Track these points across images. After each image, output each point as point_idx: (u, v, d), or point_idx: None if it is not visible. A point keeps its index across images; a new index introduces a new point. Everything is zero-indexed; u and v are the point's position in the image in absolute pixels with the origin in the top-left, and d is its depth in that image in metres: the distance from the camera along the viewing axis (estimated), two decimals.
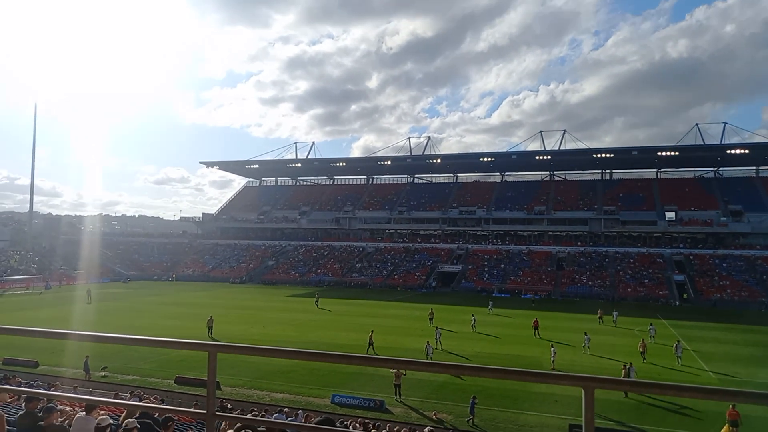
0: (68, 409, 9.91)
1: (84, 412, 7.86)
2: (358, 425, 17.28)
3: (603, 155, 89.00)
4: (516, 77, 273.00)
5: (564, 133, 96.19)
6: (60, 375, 25.81)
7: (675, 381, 21.71)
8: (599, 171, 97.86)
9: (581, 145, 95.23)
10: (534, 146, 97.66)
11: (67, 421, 7.93)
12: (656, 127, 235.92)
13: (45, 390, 17.17)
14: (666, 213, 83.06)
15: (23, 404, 9.11)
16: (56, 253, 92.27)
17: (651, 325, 39.43)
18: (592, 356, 32.00)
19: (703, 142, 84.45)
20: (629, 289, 68.32)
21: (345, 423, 16.86)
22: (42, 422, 7.39)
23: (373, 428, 16.71)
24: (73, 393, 19.41)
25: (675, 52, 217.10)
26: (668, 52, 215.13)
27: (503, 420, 21.08)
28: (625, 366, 25.57)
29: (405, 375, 24.16)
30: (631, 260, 76.00)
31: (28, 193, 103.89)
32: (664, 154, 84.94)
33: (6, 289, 66.83)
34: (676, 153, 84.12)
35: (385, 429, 17.34)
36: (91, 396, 18.44)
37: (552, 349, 29.83)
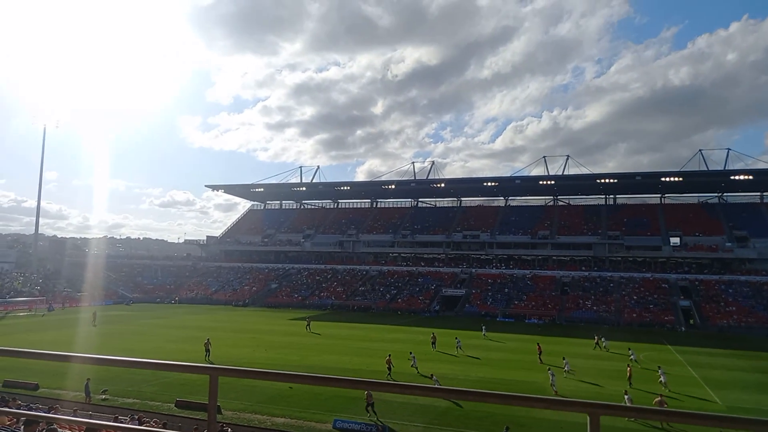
0: None
1: None
2: None
3: (607, 180, 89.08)
4: (519, 104, 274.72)
5: (567, 159, 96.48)
6: (60, 398, 25.61)
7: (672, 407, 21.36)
8: (603, 196, 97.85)
9: (585, 170, 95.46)
10: (538, 171, 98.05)
11: None
12: (660, 152, 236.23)
13: (45, 413, 16.98)
14: (671, 238, 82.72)
15: (22, 427, 9.04)
16: (61, 275, 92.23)
17: (629, 349, 39.90)
18: (577, 381, 31.65)
19: (707, 167, 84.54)
20: (634, 315, 67.69)
21: None
22: None
23: None
24: (73, 416, 19.24)
25: (677, 79, 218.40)
26: (670, 79, 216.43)
27: None
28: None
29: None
30: (636, 285, 75.45)
31: (35, 215, 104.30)
32: (668, 179, 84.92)
33: (9, 311, 66.76)
34: (680, 178, 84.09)
35: None
36: (91, 419, 18.23)
37: (549, 372, 29.98)
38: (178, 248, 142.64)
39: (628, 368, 32.12)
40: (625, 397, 25.23)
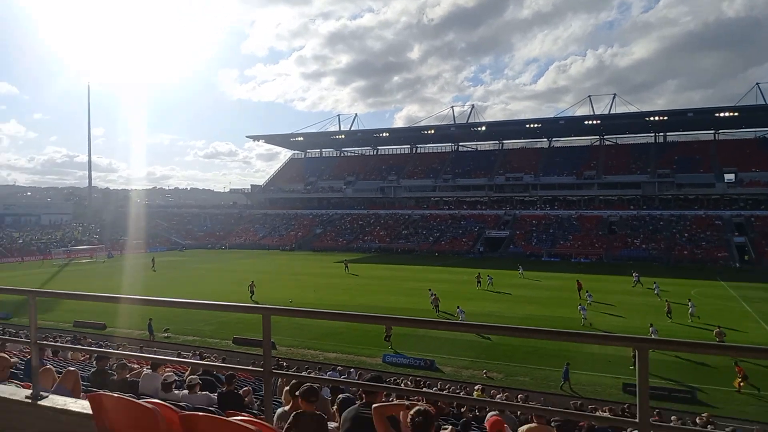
0: (136, 366, 10.53)
1: (150, 370, 8.36)
2: (409, 383, 17.68)
3: (656, 118, 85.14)
4: (562, 43, 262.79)
5: (614, 97, 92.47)
6: (126, 336, 27.39)
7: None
8: (652, 134, 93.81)
9: (632, 109, 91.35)
10: (582, 111, 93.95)
11: (135, 377, 8.45)
12: (712, 88, 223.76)
13: (114, 350, 18.23)
14: (725, 175, 79.26)
15: (94, 362, 9.74)
16: (116, 224, 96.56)
17: (654, 283, 40.56)
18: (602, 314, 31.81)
19: (765, 101, 79.43)
20: (685, 252, 66.07)
21: (396, 381, 17.26)
22: (113, 378, 7.91)
23: (424, 386, 17.03)
24: (139, 352, 20.61)
25: (731, 11, 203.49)
26: (724, 11, 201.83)
27: (555, 379, 21.08)
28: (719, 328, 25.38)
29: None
30: (688, 223, 73.25)
31: (87, 169, 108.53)
32: (722, 115, 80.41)
33: (72, 259, 70.70)
34: (736, 113, 79.42)
35: (436, 386, 17.66)
36: (156, 355, 19.51)
37: (580, 307, 30.98)
38: (223, 197, 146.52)
39: (666, 303, 32.29)
40: (650, 329, 25.26)
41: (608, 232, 75.57)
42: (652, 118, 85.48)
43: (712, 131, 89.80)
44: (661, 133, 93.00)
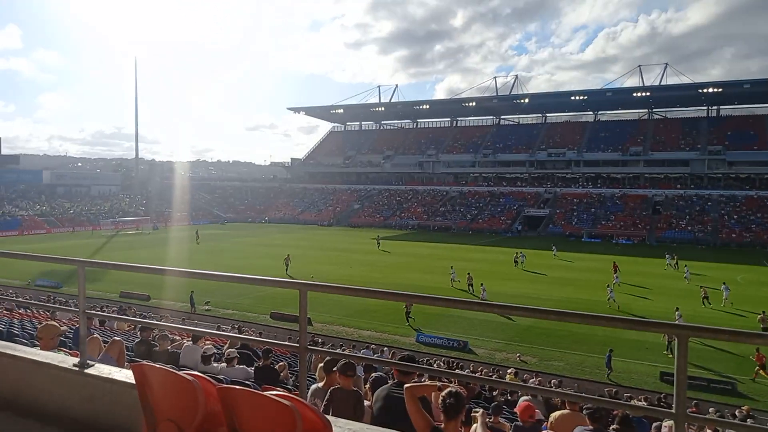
0: (177, 338, 10.90)
1: (191, 342, 8.64)
2: (441, 364, 17.78)
3: (710, 90, 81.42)
4: (613, 8, 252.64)
5: (666, 67, 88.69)
6: (169, 308, 28.34)
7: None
8: (705, 107, 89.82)
9: (685, 80, 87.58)
10: (631, 82, 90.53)
11: (176, 349, 8.76)
12: None
13: (157, 321, 18.94)
14: None
15: (139, 333, 10.14)
16: (161, 196, 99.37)
17: (685, 266, 40.01)
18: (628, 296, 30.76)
19: None
20: (733, 235, 63.66)
21: (429, 361, 17.39)
22: (156, 348, 8.21)
23: (456, 368, 17.11)
24: (181, 324, 21.34)
25: None
26: None
27: (590, 365, 20.87)
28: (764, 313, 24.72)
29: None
30: (738, 203, 70.39)
31: (134, 141, 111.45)
32: None
33: (119, 230, 73.29)
34: None
35: (469, 368, 17.71)
36: (197, 328, 20.18)
37: (608, 288, 30.75)
38: (264, 170, 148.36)
39: (702, 289, 31.33)
40: (676, 313, 24.78)
41: (652, 212, 73.38)
42: (705, 90, 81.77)
43: None
44: (714, 107, 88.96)
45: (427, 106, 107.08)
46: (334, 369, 5.00)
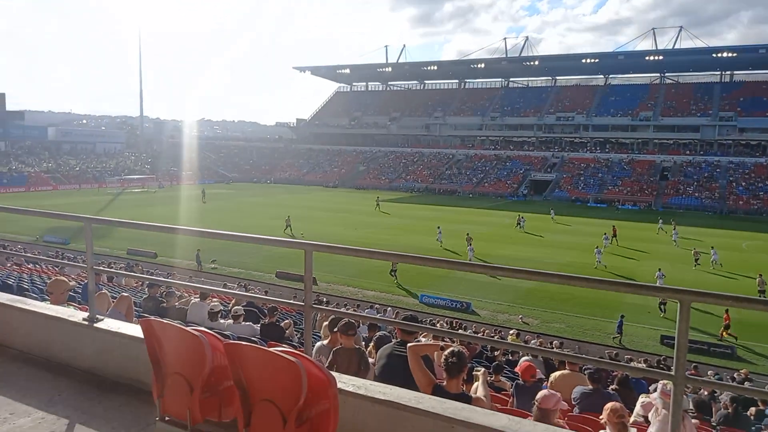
0: (185, 295, 11.06)
1: (198, 299, 8.76)
2: (444, 324, 18.04)
3: (725, 54, 79.54)
4: None
5: (680, 30, 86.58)
6: (175, 265, 28.67)
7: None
8: (718, 72, 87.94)
9: (699, 44, 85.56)
10: (644, 45, 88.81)
11: (184, 306, 8.90)
12: None
13: (164, 278, 19.12)
14: None
15: (146, 289, 10.30)
16: (166, 155, 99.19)
17: (674, 230, 39.98)
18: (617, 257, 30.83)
19: None
20: (741, 202, 63.31)
21: (432, 322, 17.64)
22: (163, 305, 8.35)
23: (459, 328, 17.35)
24: (188, 282, 21.62)
25: None
26: None
27: (591, 328, 21.12)
28: None
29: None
30: (747, 171, 69.72)
31: (138, 98, 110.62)
32: None
33: (125, 188, 73.54)
34: None
35: (471, 329, 17.96)
36: (203, 285, 20.45)
37: (596, 250, 31.20)
38: (270, 130, 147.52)
39: (694, 251, 31.97)
40: (657, 274, 25.47)
41: (660, 178, 72.86)
42: (719, 55, 79.98)
43: None
44: (728, 72, 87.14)
45: (435, 68, 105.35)
46: (336, 329, 5.08)
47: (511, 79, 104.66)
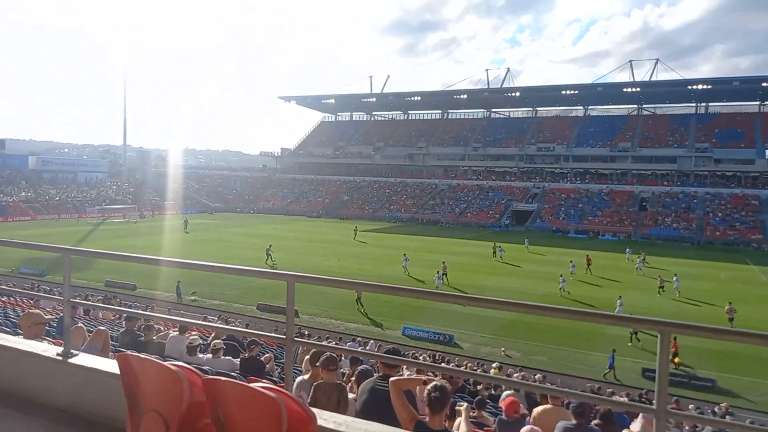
0: (163, 328, 10.85)
1: (177, 332, 8.60)
2: (427, 357, 17.87)
3: (699, 86, 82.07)
4: (606, 0, 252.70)
5: (657, 62, 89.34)
6: (155, 297, 28.16)
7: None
8: (694, 104, 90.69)
9: (675, 76, 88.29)
10: (622, 77, 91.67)
11: (162, 339, 8.72)
12: (763, 53, 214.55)
13: (143, 311, 18.81)
14: (767, 151, 76.44)
15: (124, 323, 10.07)
16: (148, 184, 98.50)
17: (638, 259, 41.56)
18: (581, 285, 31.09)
19: None
20: (718, 233, 64.44)
21: (415, 355, 17.47)
22: (141, 339, 8.17)
23: (441, 361, 17.22)
24: (167, 314, 21.23)
25: None
26: None
27: (573, 360, 21.08)
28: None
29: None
30: (723, 202, 71.22)
31: (122, 128, 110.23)
32: None
33: (105, 218, 72.57)
34: None
35: (454, 362, 17.82)
36: (183, 318, 20.08)
37: (561, 278, 31.97)
38: (254, 160, 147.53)
39: (659, 278, 33.11)
40: (618, 301, 26.35)
41: (639, 208, 74.09)
42: (694, 87, 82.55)
43: (758, 102, 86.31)
44: (703, 103, 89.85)
45: (419, 98, 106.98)
46: (318, 363, 5.02)
47: (493, 110, 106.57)
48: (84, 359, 3.79)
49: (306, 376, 5.38)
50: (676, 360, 20.59)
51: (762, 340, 2.40)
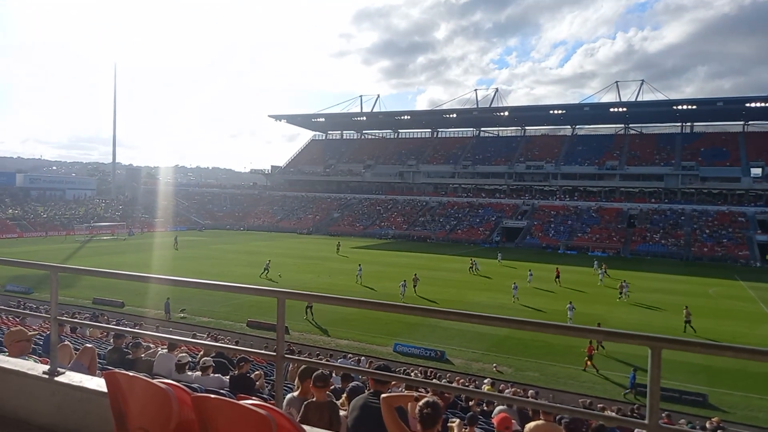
0: (151, 346, 10.71)
1: (166, 350, 8.50)
2: (418, 373, 17.76)
3: (684, 107, 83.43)
4: (591, 25, 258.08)
5: (642, 84, 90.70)
6: (143, 315, 27.84)
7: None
8: (679, 124, 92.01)
9: (660, 97, 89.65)
10: (608, 98, 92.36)
11: (150, 357, 8.61)
12: (744, 75, 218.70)
13: (131, 328, 18.55)
14: (752, 169, 77.62)
15: (112, 340, 9.94)
16: (138, 201, 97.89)
17: (600, 270, 43.53)
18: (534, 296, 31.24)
19: None
20: (705, 249, 65.04)
21: (406, 371, 17.36)
22: (129, 356, 8.06)
23: (434, 377, 17.11)
24: (155, 332, 20.99)
25: None
26: None
27: (565, 376, 21.03)
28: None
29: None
30: (710, 219, 72.00)
31: (111, 145, 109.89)
32: (753, 105, 78.52)
33: (94, 235, 71.92)
34: (767, 104, 77.58)
35: (446, 378, 17.71)
36: (171, 335, 19.84)
37: (513, 286, 34.48)
38: (244, 177, 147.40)
39: (620, 285, 36.15)
40: (568, 305, 28.38)
41: (627, 225, 74.69)
42: (679, 107, 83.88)
43: (742, 122, 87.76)
44: (688, 123, 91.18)
45: (408, 117, 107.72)
46: (310, 378, 4.97)
47: (482, 129, 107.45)
48: (70, 377, 3.73)
49: (296, 393, 5.33)
50: (591, 362, 21.43)
51: (752, 355, 2.41)
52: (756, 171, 76.99)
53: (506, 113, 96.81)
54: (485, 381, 16.75)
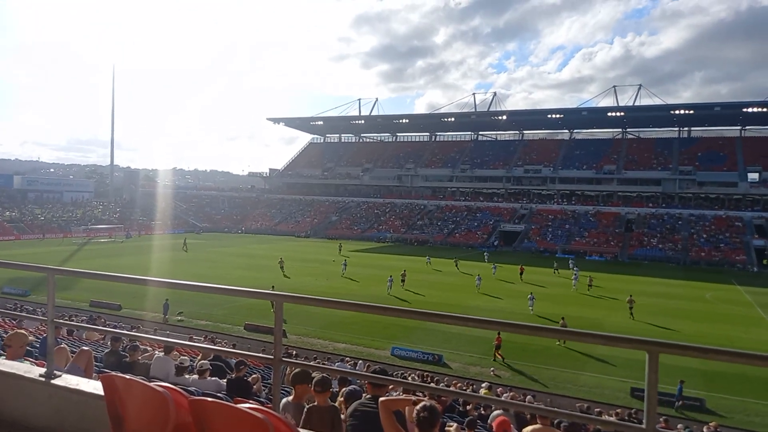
0: (148, 349, 10.68)
1: (163, 353, 8.48)
2: (416, 377, 17.74)
3: (682, 111, 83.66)
4: (589, 30, 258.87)
5: (640, 88, 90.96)
6: (140, 318, 27.77)
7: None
8: (676, 128, 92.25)
9: (657, 101, 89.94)
10: (606, 102, 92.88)
11: (147, 360, 8.58)
12: (740, 81, 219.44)
13: (128, 331, 18.53)
14: (749, 174, 77.81)
15: (109, 343, 9.91)
16: (135, 204, 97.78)
17: (574, 274, 43.09)
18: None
19: None
20: (702, 254, 65.13)
21: (404, 375, 17.34)
22: (126, 359, 8.04)
23: (431, 381, 17.09)
24: (153, 335, 20.93)
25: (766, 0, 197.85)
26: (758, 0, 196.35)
27: (563, 380, 21.01)
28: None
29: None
30: (707, 223, 72.13)
31: (109, 147, 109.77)
32: (750, 110, 78.79)
33: (91, 238, 71.77)
34: (765, 109, 77.83)
35: (443, 382, 17.69)
36: (169, 338, 19.79)
37: (477, 277, 37.85)
38: (242, 180, 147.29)
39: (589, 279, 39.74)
40: (529, 296, 31.64)
41: (625, 229, 74.77)
42: (677, 112, 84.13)
43: (739, 127, 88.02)
44: (686, 128, 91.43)
45: (407, 120, 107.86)
46: (303, 382, 4.94)
47: (480, 133, 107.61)
48: (67, 380, 3.72)
49: (290, 397, 5.32)
50: (499, 353, 22.47)
51: (749, 359, 2.41)
52: (753, 176, 77.18)
53: (504, 117, 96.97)
54: (483, 385, 16.75)
